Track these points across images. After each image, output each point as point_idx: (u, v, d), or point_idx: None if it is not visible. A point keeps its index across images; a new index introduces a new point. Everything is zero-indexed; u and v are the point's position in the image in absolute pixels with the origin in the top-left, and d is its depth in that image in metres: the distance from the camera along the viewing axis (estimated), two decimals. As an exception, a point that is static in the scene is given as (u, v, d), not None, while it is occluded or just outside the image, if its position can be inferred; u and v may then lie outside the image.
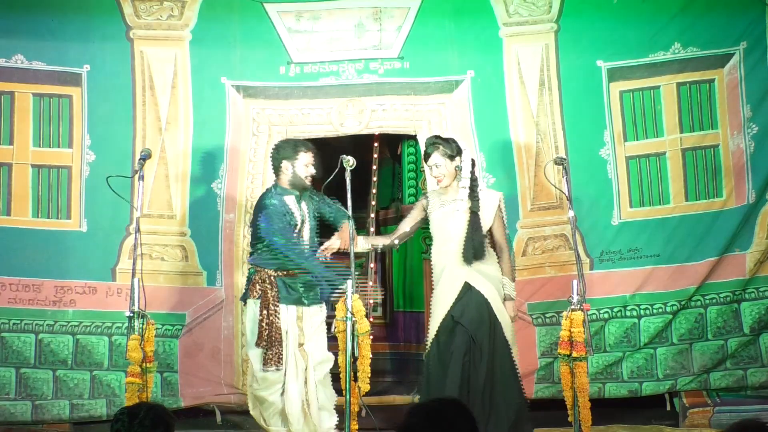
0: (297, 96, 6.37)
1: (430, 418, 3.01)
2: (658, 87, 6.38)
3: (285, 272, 5.52)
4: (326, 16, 6.37)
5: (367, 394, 5.30)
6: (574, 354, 5.01)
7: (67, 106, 6.29)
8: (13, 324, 6.15)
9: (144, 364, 5.06)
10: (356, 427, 5.13)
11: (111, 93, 6.31)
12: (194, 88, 6.34)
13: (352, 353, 5.07)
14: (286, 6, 6.35)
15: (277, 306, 5.46)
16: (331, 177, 5.39)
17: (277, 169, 5.62)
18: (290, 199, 5.57)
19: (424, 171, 6.63)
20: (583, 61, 6.39)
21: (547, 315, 6.31)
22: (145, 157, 5.55)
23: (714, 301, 6.28)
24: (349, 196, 5.36)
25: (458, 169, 5.46)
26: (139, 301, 5.08)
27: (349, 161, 5.38)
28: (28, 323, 6.16)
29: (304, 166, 5.57)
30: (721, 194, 6.31)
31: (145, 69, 6.31)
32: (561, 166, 5.73)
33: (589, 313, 5.14)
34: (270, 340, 5.42)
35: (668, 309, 6.28)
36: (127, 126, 6.30)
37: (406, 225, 5.70)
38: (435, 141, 5.54)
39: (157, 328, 5.47)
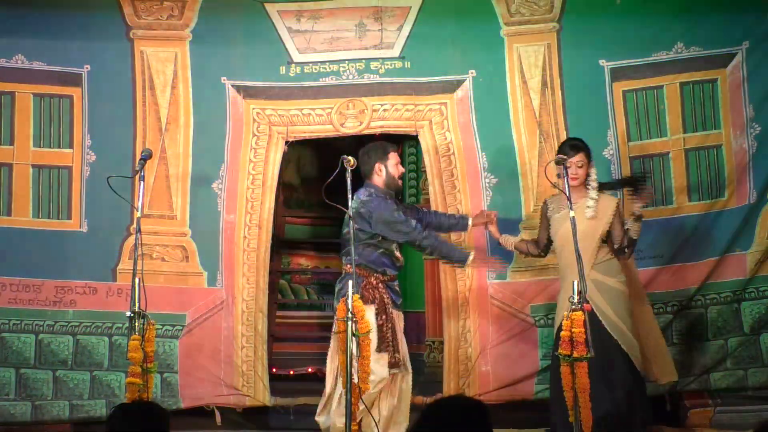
0: (297, 96, 6.36)
1: (443, 417, 3.01)
2: (662, 87, 6.35)
3: (388, 277, 5.68)
4: (327, 16, 6.36)
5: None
6: (575, 354, 4.97)
7: (67, 106, 6.29)
8: (13, 324, 6.16)
9: (144, 365, 5.04)
10: (356, 427, 5.11)
11: (111, 93, 6.31)
12: (194, 88, 6.34)
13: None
14: (287, 6, 6.34)
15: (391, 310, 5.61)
16: (332, 177, 5.37)
17: (369, 172, 5.73)
18: (392, 203, 5.73)
19: (424, 171, 6.62)
20: (586, 60, 6.36)
21: (549, 316, 6.27)
22: (146, 157, 5.54)
23: (714, 301, 6.24)
24: (349, 196, 5.36)
25: (588, 176, 5.64)
26: (139, 302, 5.07)
27: (350, 162, 5.38)
28: (28, 323, 6.17)
29: (395, 165, 5.75)
30: (723, 194, 6.27)
31: (145, 69, 6.31)
32: (562, 166, 5.71)
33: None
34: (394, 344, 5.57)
35: (669, 309, 6.25)
36: (128, 126, 6.30)
37: (543, 236, 5.83)
38: (580, 144, 5.64)
39: (157, 329, 5.46)
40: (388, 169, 5.74)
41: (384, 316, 5.52)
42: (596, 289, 5.45)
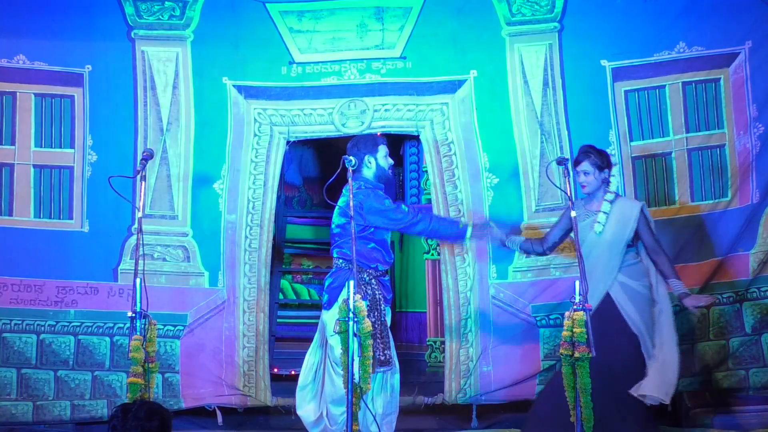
0: (299, 96, 6.38)
1: None
2: (664, 86, 6.34)
3: (380, 273, 5.60)
4: (328, 16, 6.38)
5: (369, 394, 5.29)
6: (576, 354, 4.96)
7: (68, 106, 6.31)
8: (15, 324, 6.17)
9: (146, 365, 5.04)
10: (357, 427, 5.10)
11: (113, 93, 6.33)
12: (196, 88, 6.36)
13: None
14: (288, 6, 6.34)
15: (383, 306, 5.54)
16: (333, 177, 5.37)
17: (359, 165, 5.62)
18: (381, 193, 5.66)
19: (426, 171, 6.61)
20: (587, 60, 6.36)
21: (551, 317, 6.28)
22: (147, 157, 5.54)
23: (717, 301, 6.21)
24: (351, 196, 5.35)
25: (605, 181, 5.65)
26: (141, 302, 5.07)
27: (352, 162, 5.37)
28: (30, 323, 6.18)
29: (384, 158, 5.68)
30: (726, 195, 6.26)
31: (146, 69, 6.33)
32: (563, 167, 5.70)
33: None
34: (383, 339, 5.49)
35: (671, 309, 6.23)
36: (129, 126, 6.32)
37: (555, 234, 5.82)
38: (588, 150, 5.68)
39: (158, 329, 5.45)
40: (378, 161, 5.66)
41: (376, 313, 5.48)
42: (623, 292, 5.50)
